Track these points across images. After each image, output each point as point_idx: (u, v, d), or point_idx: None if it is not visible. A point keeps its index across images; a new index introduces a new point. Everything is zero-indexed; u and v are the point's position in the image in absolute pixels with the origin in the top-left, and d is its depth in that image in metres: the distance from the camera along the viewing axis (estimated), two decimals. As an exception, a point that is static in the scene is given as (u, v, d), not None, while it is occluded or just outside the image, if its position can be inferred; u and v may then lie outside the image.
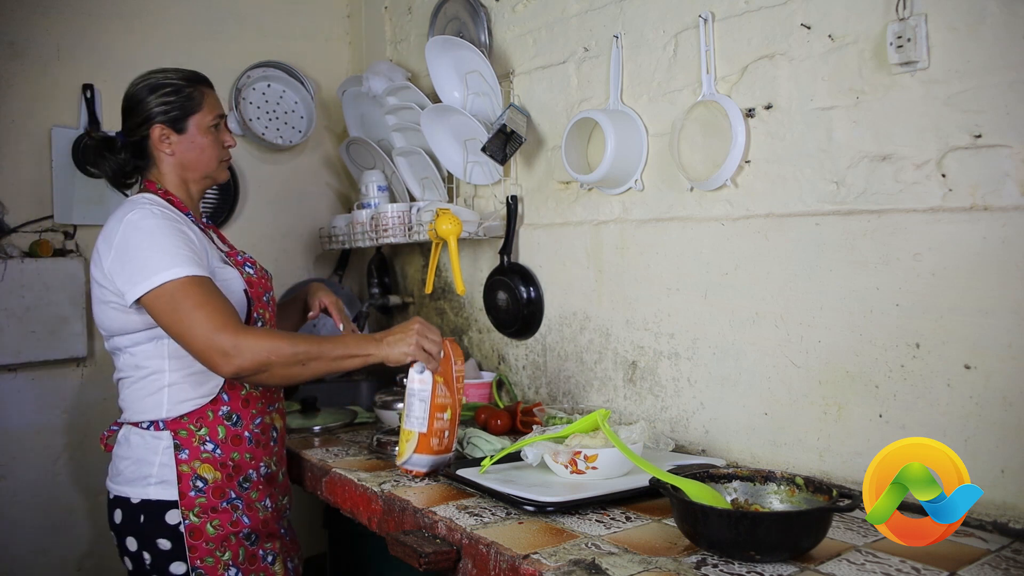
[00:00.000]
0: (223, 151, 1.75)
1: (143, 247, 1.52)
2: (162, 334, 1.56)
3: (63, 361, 2.36)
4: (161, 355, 1.59)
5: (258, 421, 1.68)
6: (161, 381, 1.60)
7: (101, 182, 2.42)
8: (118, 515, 1.61)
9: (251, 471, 1.65)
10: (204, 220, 1.83)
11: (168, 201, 1.66)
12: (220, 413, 1.62)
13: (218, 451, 1.61)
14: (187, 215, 1.67)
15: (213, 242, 1.69)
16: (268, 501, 1.68)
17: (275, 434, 1.73)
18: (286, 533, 1.74)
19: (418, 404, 1.59)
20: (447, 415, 1.62)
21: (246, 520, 1.62)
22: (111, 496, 1.63)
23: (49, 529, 2.36)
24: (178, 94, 1.68)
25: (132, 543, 1.59)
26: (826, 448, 1.52)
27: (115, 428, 1.67)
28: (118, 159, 1.70)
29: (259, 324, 1.67)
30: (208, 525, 1.58)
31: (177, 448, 1.58)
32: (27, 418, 2.33)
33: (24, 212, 2.34)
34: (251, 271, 1.71)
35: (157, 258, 1.50)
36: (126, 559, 1.61)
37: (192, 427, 1.59)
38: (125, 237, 1.54)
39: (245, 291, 1.64)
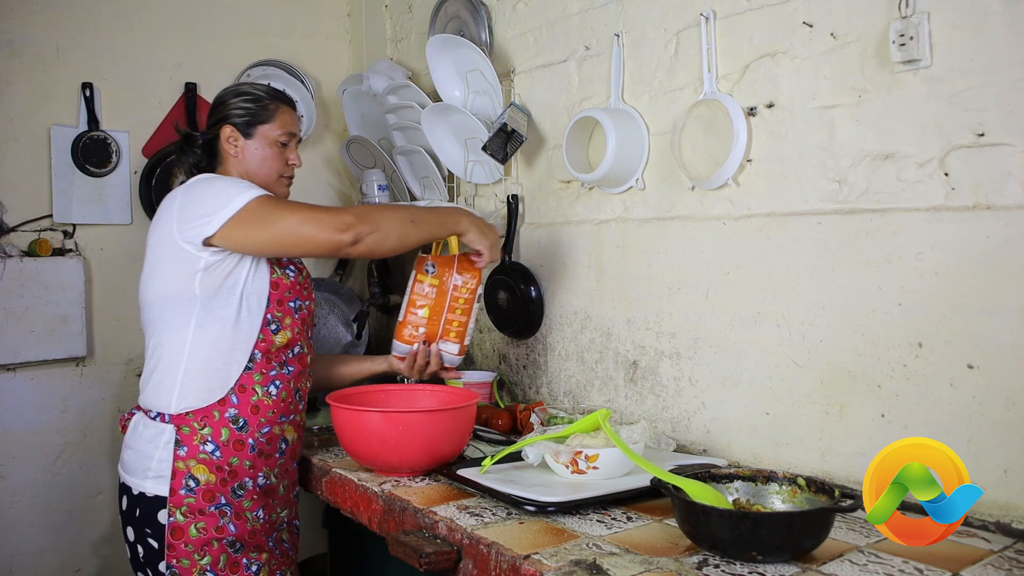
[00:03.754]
0: (285, 167, 1.79)
1: (213, 189, 1.61)
2: (189, 321, 1.58)
3: (62, 360, 2.36)
4: (184, 341, 1.60)
5: (265, 430, 1.65)
6: (176, 369, 1.60)
7: (100, 181, 2.42)
8: (124, 501, 1.64)
9: (247, 479, 1.64)
10: None
11: None
12: (227, 415, 1.61)
13: (217, 453, 1.60)
14: None
15: None
16: (261, 512, 1.66)
17: (284, 446, 1.70)
18: (275, 547, 1.70)
19: (405, 297, 1.92)
20: (422, 312, 1.90)
21: (232, 528, 1.60)
22: (120, 481, 1.66)
23: (49, 529, 2.35)
24: (256, 103, 1.75)
25: (130, 533, 1.62)
26: (828, 448, 1.51)
27: (134, 412, 1.69)
28: (196, 154, 1.78)
29: (272, 326, 1.65)
30: (192, 527, 1.57)
31: (177, 444, 1.58)
32: (26, 418, 2.32)
33: (23, 211, 2.33)
34: (291, 273, 1.71)
35: (230, 191, 1.58)
36: (127, 546, 1.63)
37: (196, 424, 1.60)
38: (191, 189, 1.63)
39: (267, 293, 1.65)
